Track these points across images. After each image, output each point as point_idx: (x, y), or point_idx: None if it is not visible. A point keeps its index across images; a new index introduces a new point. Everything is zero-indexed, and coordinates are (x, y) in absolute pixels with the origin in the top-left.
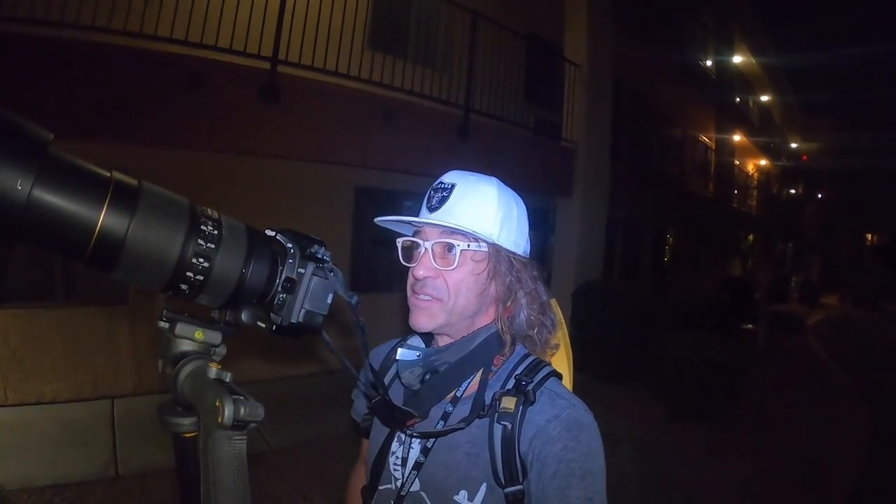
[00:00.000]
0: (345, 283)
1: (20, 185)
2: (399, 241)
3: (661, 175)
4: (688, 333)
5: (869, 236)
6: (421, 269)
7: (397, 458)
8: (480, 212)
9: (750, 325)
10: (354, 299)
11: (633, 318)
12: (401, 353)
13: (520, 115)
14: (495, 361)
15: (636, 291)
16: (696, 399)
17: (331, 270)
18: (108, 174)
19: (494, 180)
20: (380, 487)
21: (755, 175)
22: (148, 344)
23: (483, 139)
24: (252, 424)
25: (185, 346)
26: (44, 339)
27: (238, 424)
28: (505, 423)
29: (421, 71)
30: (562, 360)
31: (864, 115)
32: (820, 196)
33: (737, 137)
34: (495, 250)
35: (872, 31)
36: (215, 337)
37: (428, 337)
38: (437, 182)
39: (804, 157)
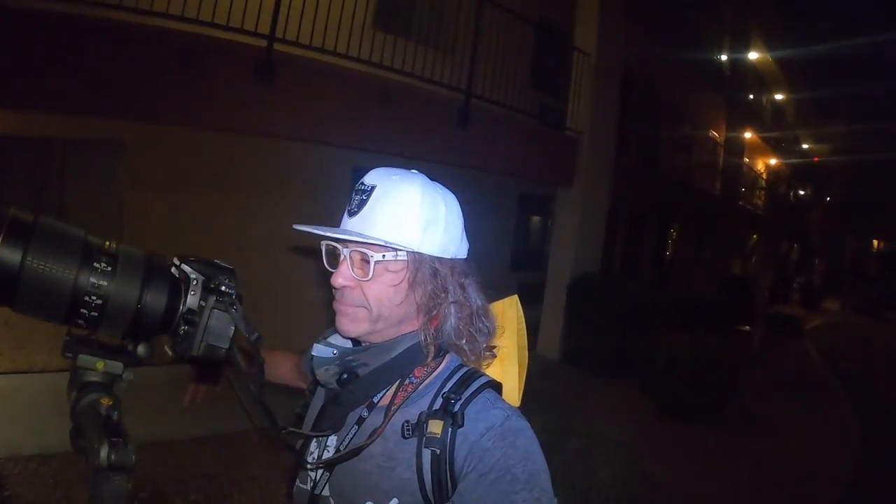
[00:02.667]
0: (245, 318)
1: None
2: (323, 245)
3: (667, 169)
4: (680, 332)
5: (875, 243)
6: (339, 277)
7: (314, 457)
8: (401, 217)
9: (747, 327)
10: (255, 336)
11: (627, 314)
12: (316, 349)
13: (524, 101)
14: (416, 373)
15: (633, 287)
16: (684, 400)
17: (232, 304)
18: (7, 209)
19: (419, 179)
20: (298, 484)
21: (764, 174)
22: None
23: (484, 125)
24: (127, 467)
25: (89, 376)
26: None
27: (112, 466)
28: (433, 448)
29: (423, 52)
30: (511, 368)
31: (880, 119)
32: (829, 199)
33: (747, 135)
34: (416, 258)
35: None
36: (116, 367)
37: None
38: (359, 182)
39: (815, 159)
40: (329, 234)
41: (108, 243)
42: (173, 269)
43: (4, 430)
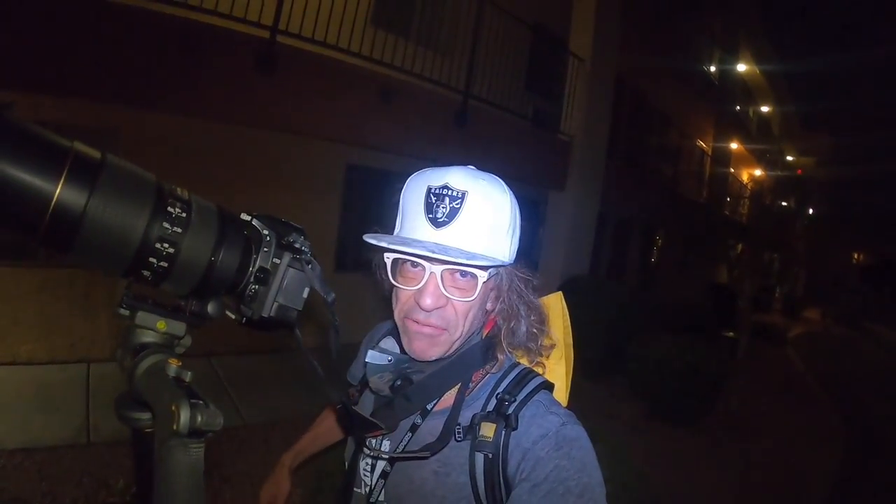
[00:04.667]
0: (322, 278)
1: None
2: (388, 258)
3: (655, 176)
4: (669, 336)
5: (856, 255)
6: (429, 297)
7: (367, 462)
8: (497, 228)
9: (731, 333)
10: (331, 296)
11: (617, 316)
12: (370, 356)
13: (519, 104)
14: (474, 377)
15: (621, 290)
16: (673, 402)
17: (308, 262)
18: (70, 144)
19: (503, 183)
20: (355, 490)
21: (749, 184)
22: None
23: (480, 126)
24: (210, 434)
25: (147, 336)
26: (22, 298)
27: (195, 432)
28: (486, 451)
29: (423, 52)
30: (559, 365)
31: (862, 134)
32: (811, 211)
33: (734, 145)
34: (506, 270)
35: (881, 44)
36: (179, 328)
37: (399, 337)
38: (441, 185)
39: (799, 171)
40: (432, 255)
41: (180, 190)
42: (245, 224)
43: None
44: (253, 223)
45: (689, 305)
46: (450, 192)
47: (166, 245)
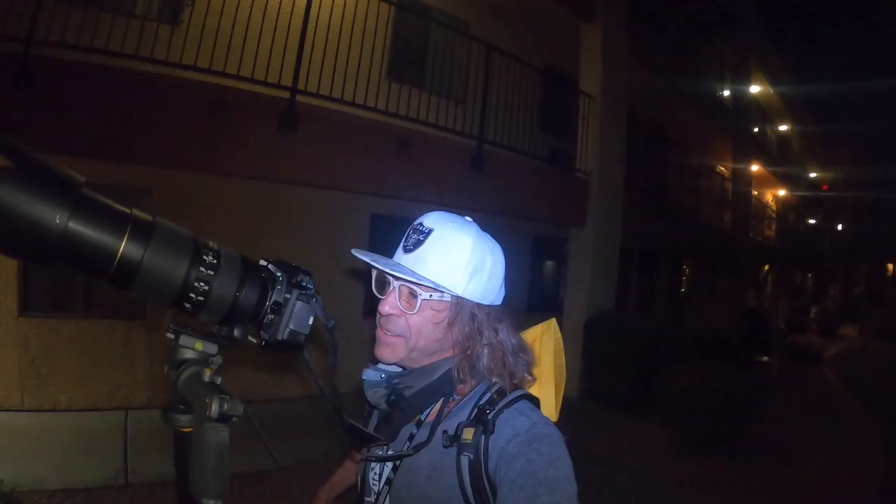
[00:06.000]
0: (324, 308)
1: (58, 219)
2: (374, 273)
3: (676, 205)
4: (697, 364)
5: (890, 266)
6: (386, 305)
7: (375, 473)
8: (451, 262)
9: (765, 358)
10: (332, 322)
11: (643, 349)
12: (366, 374)
13: (534, 145)
14: (460, 391)
15: (647, 322)
16: (704, 430)
17: (312, 297)
18: (129, 211)
19: (473, 229)
20: (365, 498)
21: (773, 205)
22: (163, 358)
23: (497, 169)
24: (234, 418)
25: (187, 354)
26: (62, 348)
27: (223, 417)
28: (468, 453)
29: (437, 101)
30: (548, 387)
31: (884, 145)
32: (840, 227)
33: (754, 167)
34: (458, 301)
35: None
36: (212, 348)
37: None
38: (417, 222)
39: (824, 187)
40: (383, 268)
41: (211, 243)
42: (262, 268)
43: (30, 465)
44: (269, 267)
45: (720, 333)
46: (421, 228)
47: (202, 284)
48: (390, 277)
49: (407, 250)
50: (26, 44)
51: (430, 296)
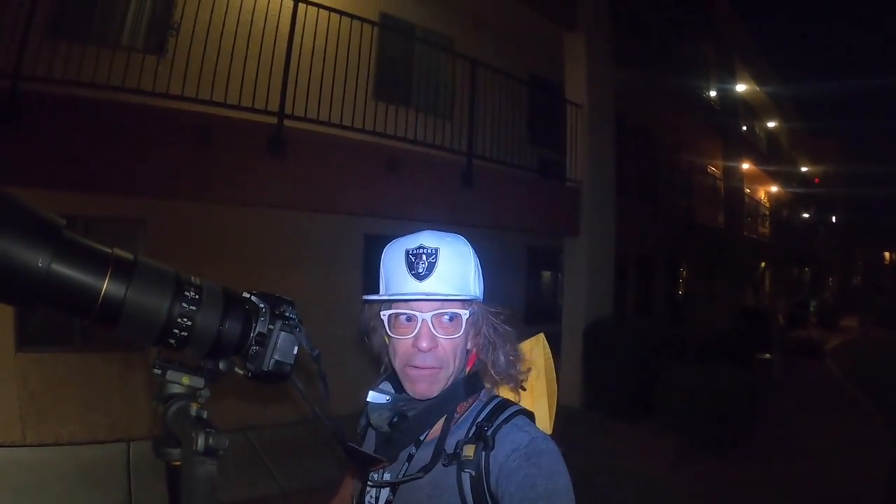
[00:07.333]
0: (308, 338)
1: (41, 262)
2: (385, 315)
3: (670, 208)
4: (697, 365)
5: (886, 255)
6: (425, 340)
7: (372, 497)
8: (465, 274)
9: (767, 355)
10: (316, 352)
11: (643, 354)
12: (371, 397)
13: (523, 157)
14: (458, 409)
15: (646, 327)
16: (709, 431)
17: (296, 327)
18: (110, 251)
19: (464, 240)
20: None
21: (766, 201)
22: (152, 394)
23: (487, 183)
24: (220, 452)
25: (175, 388)
26: (62, 382)
27: (209, 451)
28: (469, 470)
29: (424, 119)
30: (542, 400)
31: (872, 136)
32: (834, 219)
33: (745, 165)
34: (478, 306)
35: (874, 57)
36: (199, 382)
37: (396, 381)
38: (417, 246)
39: (816, 181)
40: (419, 297)
41: (193, 278)
42: (245, 300)
43: (34, 500)
44: (252, 299)
45: (719, 333)
46: (425, 251)
47: (185, 319)
48: (414, 313)
49: (422, 277)
50: (14, 78)
51: (468, 311)
